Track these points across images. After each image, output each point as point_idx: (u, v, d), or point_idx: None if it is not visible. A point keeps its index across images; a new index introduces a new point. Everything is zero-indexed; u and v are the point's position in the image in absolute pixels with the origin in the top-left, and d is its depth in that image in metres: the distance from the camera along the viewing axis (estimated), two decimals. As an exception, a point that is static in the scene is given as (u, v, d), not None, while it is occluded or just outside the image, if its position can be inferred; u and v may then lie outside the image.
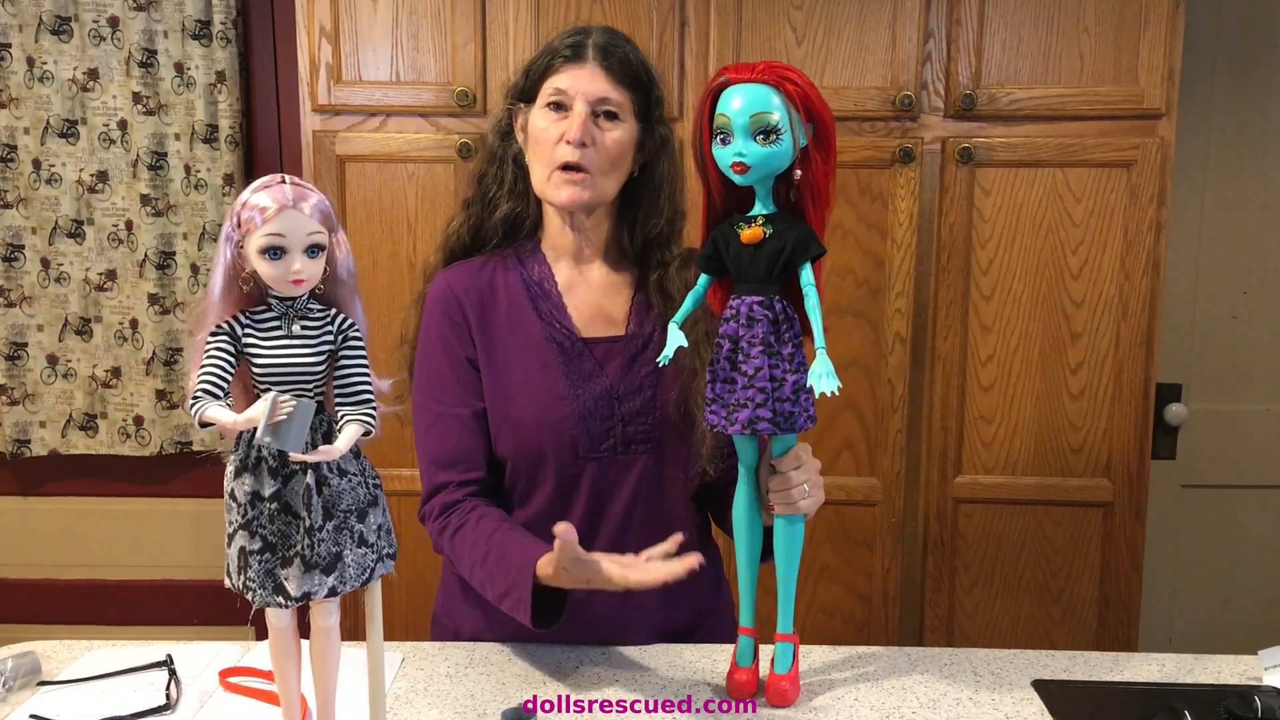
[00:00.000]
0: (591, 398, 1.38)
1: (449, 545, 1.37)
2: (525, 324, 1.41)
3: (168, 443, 2.63)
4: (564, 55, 1.35)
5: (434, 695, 1.28)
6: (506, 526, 1.33)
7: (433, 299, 1.43)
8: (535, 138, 1.37)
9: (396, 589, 2.16)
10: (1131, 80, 2.03)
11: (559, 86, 1.35)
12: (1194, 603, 2.63)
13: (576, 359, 1.39)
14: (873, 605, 2.19)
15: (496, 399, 1.39)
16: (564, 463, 1.38)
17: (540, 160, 1.37)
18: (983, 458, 2.15)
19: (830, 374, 1.09)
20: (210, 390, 0.95)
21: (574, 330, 1.41)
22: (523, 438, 1.39)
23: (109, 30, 2.48)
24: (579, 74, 1.34)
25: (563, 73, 1.35)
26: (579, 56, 1.35)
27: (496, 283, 1.43)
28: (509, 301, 1.42)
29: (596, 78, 1.35)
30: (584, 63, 1.35)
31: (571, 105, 1.34)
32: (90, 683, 1.29)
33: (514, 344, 1.40)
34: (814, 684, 1.30)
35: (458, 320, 1.41)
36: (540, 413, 1.38)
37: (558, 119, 1.35)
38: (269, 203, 0.96)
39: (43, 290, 2.58)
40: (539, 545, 1.27)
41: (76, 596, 2.76)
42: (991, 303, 2.10)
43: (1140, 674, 1.33)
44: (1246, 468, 2.58)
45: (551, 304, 1.42)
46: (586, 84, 1.34)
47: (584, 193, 1.36)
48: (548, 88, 1.36)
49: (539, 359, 1.39)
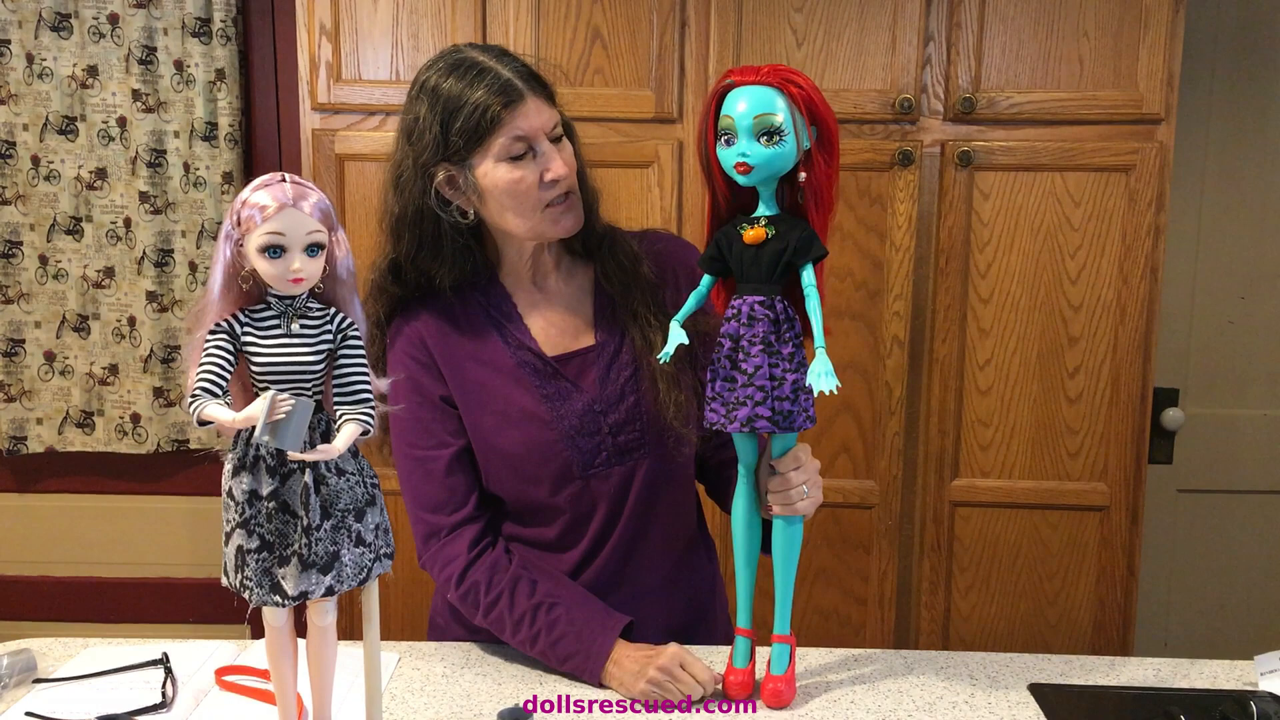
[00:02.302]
0: (574, 416, 1.35)
1: (482, 621, 1.35)
2: (493, 354, 1.37)
3: (165, 440, 2.62)
4: (505, 103, 1.26)
5: (430, 695, 1.28)
6: (547, 603, 1.32)
7: (395, 342, 1.38)
8: (507, 191, 1.28)
9: (393, 589, 2.15)
10: (1131, 85, 2.03)
11: (518, 135, 1.26)
12: (1190, 607, 2.64)
13: (552, 379, 1.36)
14: (869, 608, 2.19)
15: (480, 436, 1.37)
16: (564, 486, 1.36)
17: (522, 209, 1.30)
18: (980, 461, 2.15)
19: (829, 373, 1.10)
20: (209, 388, 0.95)
21: (541, 352, 1.37)
22: (515, 470, 1.36)
23: (109, 27, 2.48)
24: (527, 114, 1.27)
25: (510, 120, 1.26)
26: (517, 97, 1.26)
27: (457, 316, 1.38)
28: (473, 334, 1.37)
29: (541, 109, 1.29)
30: (524, 100, 1.27)
31: (536, 145, 1.28)
32: (86, 680, 1.29)
33: (486, 375, 1.36)
34: (810, 686, 1.30)
35: (424, 360, 1.36)
36: (527, 442, 1.35)
37: (523, 164, 1.28)
38: (269, 201, 0.96)
39: (40, 287, 2.58)
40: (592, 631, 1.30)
41: (73, 594, 2.75)
42: (990, 306, 2.10)
43: (1136, 678, 1.33)
44: (1243, 473, 2.58)
45: (516, 328, 1.38)
46: (537, 119, 1.28)
47: (579, 214, 1.34)
48: (499, 140, 1.26)
49: (514, 386, 1.36)
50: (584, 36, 2.05)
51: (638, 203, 2.08)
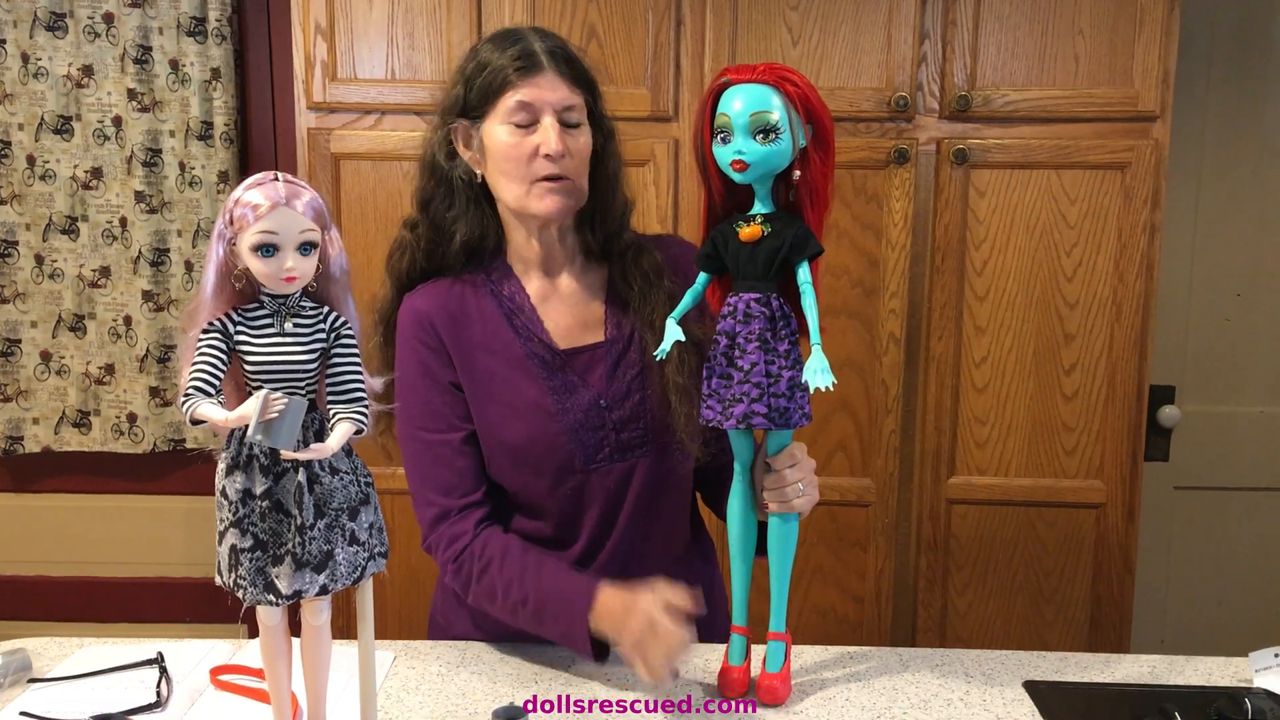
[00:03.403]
0: (580, 410, 1.35)
1: (474, 593, 1.34)
2: (503, 343, 1.36)
3: (160, 440, 2.62)
4: (518, 68, 1.29)
5: (425, 694, 1.27)
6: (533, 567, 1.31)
7: (404, 326, 1.38)
8: (503, 154, 1.31)
9: (388, 587, 2.15)
10: (1126, 82, 2.03)
11: (522, 100, 1.29)
12: (1186, 605, 2.64)
13: (559, 372, 1.36)
14: (865, 606, 2.19)
15: (484, 424, 1.36)
16: (563, 479, 1.36)
17: (513, 177, 1.31)
18: (976, 459, 2.15)
19: (825, 369, 1.10)
20: (202, 387, 0.95)
21: (553, 343, 1.37)
22: (517, 460, 1.36)
23: (104, 26, 2.48)
24: (539, 84, 1.29)
25: (521, 86, 1.29)
26: (534, 66, 1.29)
27: (468, 303, 1.37)
28: (483, 322, 1.37)
29: (558, 86, 1.30)
30: (541, 72, 1.29)
31: (539, 118, 1.29)
32: (81, 680, 1.29)
33: (494, 365, 1.36)
34: (806, 683, 1.30)
35: (434, 345, 1.36)
36: (531, 433, 1.35)
37: (524, 133, 1.29)
38: (262, 200, 0.96)
39: (36, 286, 2.57)
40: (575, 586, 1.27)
41: (68, 593, 2.75)
42: (986, 304, 2.10)
43: (1131, 675, 1.33)
44: (1239, 470, 2.58)
45: (527, 318, 1.37)
46: (550, 94, 1.29)
47: (568, 199, 1.33)
48: (506, 103, 1.29)
49: (522, 377, 1.35)
50: (579, 34, 2.04)
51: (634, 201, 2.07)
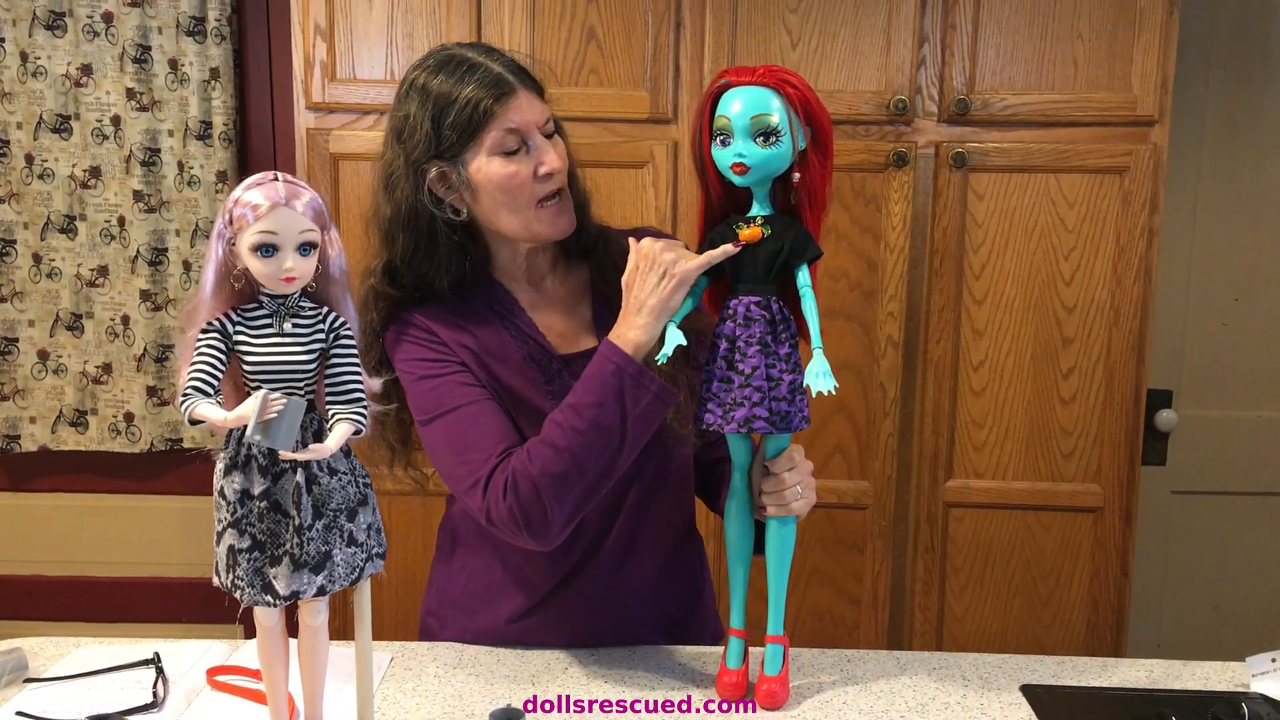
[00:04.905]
0: None
1: (540, 479, 1.21)
2: (502, 348, 1.34)
3: (158, 439, 2.62)
4: (492, 97, 1.25)
5: (422, 695, 1.27)
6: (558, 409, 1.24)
7: (399, 340, 1.34)
8: (501, 186, 1.27)
9: (386, 589, 2.15)
10: (1125, 87, 2.04)
11: (510, 128, 1.26)
12: (1183, 609, 2.64)
13: (558, 377, 1.35)
14: (862, 608, 2.19)
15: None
16: None
17: (514, 206, 1.29)
18: (974, 462, 2.15)
19: (827, 373, 1.11)
20: (200, 387, 0.95)
21: (551, 348, 1.36)
22: None
23: (103, 26, 2.48)
24: (519, 107, 1.27)
25: (502, 114, 1.26)
26: (508, 90, 1.26)
27: (462, 313, 1.35)
28: (479, 328, 1.34)
29: (533, 102, 1.28)
30: (515, 94, 1.26)
31: (528, 139, 1.27)
32: (77, 680, 1.29)
33: (496, 371, 1.34)
34: (802, 686, 1.30)
35: (436, 344, 1.33)
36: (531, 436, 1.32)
37: (517, 159, 1.27)
38: (261, 200, 0.96)
39: (34, 285, 2.57)
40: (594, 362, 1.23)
41: (65, 593, 2.74)
42: (984, 307, 2.11)
43: (1128, 679, 1.34)
44: (1236, 474, 2.58)
45: (521, 321, 1.36)
46: (530, 113, 1.27)
47: (572, 216, 1.33)
48: (493, 134, 1.26)
49: (521, 382, 1.34)
50: (579, 36, 2.05)
51: (633, 203, 2.08)
